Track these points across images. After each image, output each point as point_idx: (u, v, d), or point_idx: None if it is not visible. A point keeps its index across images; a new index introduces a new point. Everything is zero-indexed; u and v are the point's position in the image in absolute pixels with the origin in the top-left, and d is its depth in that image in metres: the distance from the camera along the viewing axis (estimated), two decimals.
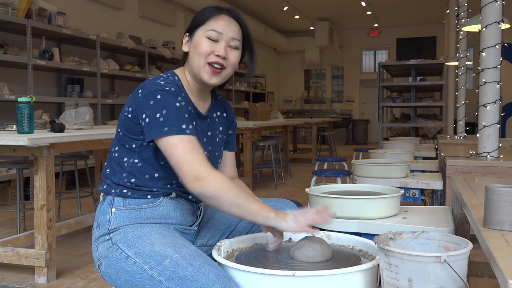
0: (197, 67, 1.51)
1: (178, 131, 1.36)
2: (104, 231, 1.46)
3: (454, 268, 1.08)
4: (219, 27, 1.50)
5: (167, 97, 1.40)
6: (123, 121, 1.50)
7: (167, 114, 1.38)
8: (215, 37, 1.49)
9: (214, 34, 1.49)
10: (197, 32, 1.51)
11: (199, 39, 1.50)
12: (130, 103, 1.48)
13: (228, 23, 1.52)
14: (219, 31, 1.49)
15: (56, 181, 4.13)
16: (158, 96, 1.40)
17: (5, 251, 2.70)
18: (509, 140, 5.06)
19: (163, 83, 1.44)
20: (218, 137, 1.65)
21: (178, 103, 1.40)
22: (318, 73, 16.20)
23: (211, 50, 1.49)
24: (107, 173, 1.53)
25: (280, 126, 7.38)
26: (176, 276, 1.29)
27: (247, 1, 11.46)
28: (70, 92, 6.23)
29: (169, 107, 1.38)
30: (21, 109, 2.78)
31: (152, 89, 1.42)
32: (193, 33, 1.52)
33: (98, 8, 7.40)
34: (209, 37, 1.49)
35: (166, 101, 1.39)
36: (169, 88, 1.42)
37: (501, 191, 1.22)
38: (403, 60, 7.99)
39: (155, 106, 1.39)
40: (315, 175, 4.14)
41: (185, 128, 1.37)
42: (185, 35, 1.56)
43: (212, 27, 1.49)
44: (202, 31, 1.50)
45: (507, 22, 3.32)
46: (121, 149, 1.50)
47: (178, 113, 1.39)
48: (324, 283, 1.21)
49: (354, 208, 1.86)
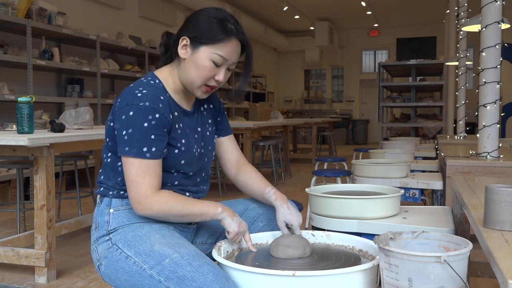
0: (191, 83, 1.48)
1: (136, 154, 1.38)
2: (103, 232, 1.46)
3: (454, 268, 1.08)
4: (226, 54, 1.45)
5: (138, 115, 1.38)
6: (108, 130, 1.49)
7: (132, 134, 1.39)
8: (219, 62, 1.46)
9: (219, 60, 1.46)
10: (202, 49, 1.45)
11: (203, 59, 1.45)
12: (111, 111, 1.48)
13: (235, 48, 1.47)
14: (225, 58, 1.46)
15: (56, 181, 4.13)
16: (131, 112, 1.39)
17: (5, 251, 2.70)
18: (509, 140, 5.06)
19: (140, 95, 1.41)
20: (209, 131, 1.64)
21: (147, 122, 1.39)
22: (318, 73, 16.20)
23: (211, 75, 1.47)
24: (101, 179, 1.53)
25: (280, 126, 7.38)
26: (175, 276, 1.30)
27: (247, 1, 11.46)
28: (70, 92, 6.23)
29: (136, 127, 1.38)
30: (21, 109, 2.78)
31: (128, 102, 1.41)
32: (196, 46, 1.45)
33: (98, 8, 7.40)
34: (214, 61, 1.45)
35: (135, 119, 1.38)
36: (143, 103, 1.39)
37: (501, 191, 1.22)
38: (403, 60, 7.99)
39: (124, 122, 1.40)
40: (315, 175, 4.13)
41: (146, 151, 1.39)
42: (184, 38, 1.47)
43: (220, 52, 1.45)
44: (208, 51, 1.44)
45: (507, 22, 3.32)
46: (113, 155, 1.50)
47: (142, 134, 1.38)
48: (324, 283, 1.21)
49: (354, 208, 1.86)
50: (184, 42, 1.48)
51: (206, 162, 1.62)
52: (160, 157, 1.42)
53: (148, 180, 1.39)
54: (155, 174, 1.41)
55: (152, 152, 1.40)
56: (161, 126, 1.42)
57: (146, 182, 1.38)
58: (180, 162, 1.49)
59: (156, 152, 1.41)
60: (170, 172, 1.50)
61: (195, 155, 1.54)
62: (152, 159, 1.40)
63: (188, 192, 1.56)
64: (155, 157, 1.40)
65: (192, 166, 1.54)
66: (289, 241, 1.46)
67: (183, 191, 1.54)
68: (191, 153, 1.52)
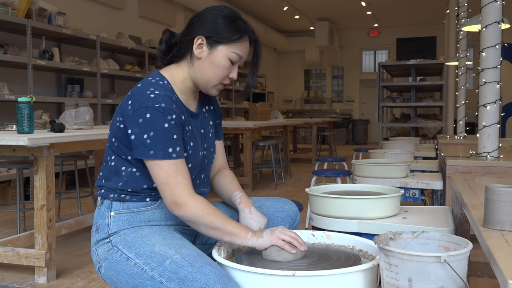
0: (207, 82, 1.50)
1: (163, 156, 1.37)
2: (104, 235, 1.45)
3: (454, 268, 1.08)
4: (242, 52, 1.49)
5: (156, 116, 1.37)
6: (116, 132, 1.47)
7: (154, 137, 1.37)
8: (236, 60, 1.49)
9: (236, 58, 1.49)
10: (221, 48, 1.46)
11: (222, 57, 1.47)
12: (120, 113, 1.46)
13: (248, 46, 1.52)
14: (241, 56, 1.49)
15: (56, 181, 4.14)
16: (148, 115, 1.37)
17: (5, 251, 2.70)
18: (509, 140, 5.06)
19: (153, 96, 1.40)
20: (210, 132, 1.65)
21: (167, 123, 1.38)
22: (318, 73, 16.20)
23: (227, 73, 1.50)
24: (102, 182, 1.51)
25: (280, 126, 7.38)
26: (176, 277, 1.29)
27: (247, 1, 11.46)
28: (70, 92, 6.23)
29: (157, 129, 1.37)
30: (21, 109, 2.78)
31: (142, 104, 1.38)
32: (214, 45, 1.46)
33: (98, 8, 7.40)
34: (231, 60, 1.48)
35: (155, 121, 1.37)
36: (159, 105, 1.38)
37: (501, 191, 1.22)
38: (403, 60, 7.99)
39: (143, 125, 1.37)
40: (315, 175, 4.13)
41: (172, 152, 1.38)
42: (199, 38, 1.47)
43: (237, 51, 1.48)
44: (227, 50, 1.47)
45: (507, 22, 3.32)
46: (118, 158, 1.48)
47: (165, 135, 1.38)
48: (324, 283, 1.21)
49: (354, 208, 1.86)
50: (199, 41, 1.47)
51: (207, 164, 1.61)
52: (183, 156, 1.42)
53: (181, 180, 1.38)
54: (185, 173, 1.40)
55: (177, 152, 1.39)
56: (180, 126, 1.43)
57: (179, 182, 1.37)
58: (188, 166, 1.47)
59: (181, 152, 1.41)
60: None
61: (200, 158, 1.54)
62: (178, 158, 1.39)
63: None
64: (181, 157, 1.40)
65: (196, 170, 1.54)
66: None
67: None
68: (197, 156, 1.52)
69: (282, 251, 1.41)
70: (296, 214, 1.73)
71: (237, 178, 6.48)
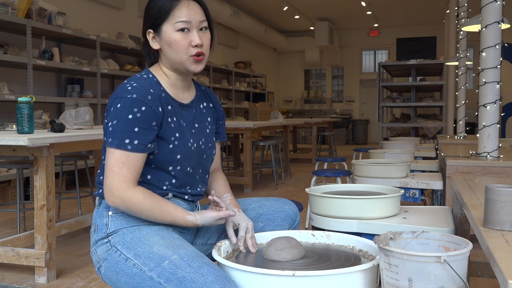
0: (179, 62, 1.49)
1: (118, 145, 1.40)
2: (102, 235, 1.45)
3: (454, 268, 1.08)
4: (185, 16, 1.46)
5: (124, 107, 1.40)
6: (105, 129, 1.49)
7: (116, 125, 1.41)
8: (185, 27, 1.46)
9: (183, 25, 1.46)
10: (164, 28, 1.47)
11: (169, 34, 1.46)
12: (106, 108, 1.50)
13: (190, 7, 1.47)
14: (187, 20, 1.46)
15: (56, 181, 4.13)
16: (118, 104, 1.42)
17: (5, 251, 2.70)
18: (509, 140, 5.06)
19: (130, 88, 1.43)
20: (208, 128, 1.64)
21: (132, 114, 1.40)
22: (318, 73, 16.20)
23: (188, 43, 1.47)
24: (101, 180, 1.52)
25: (280, 126, 7.38)
26: (175, 277, 1.30)
27: (247, 1, 11.46)
28: (70, 92, 6.23)
29: (120, 119, 1.40)
30: (21, 109, 2.78)
31: (118, 95, 1.44)
32: (159, 30, 1.48)
33: (98, 8, 7.40)
34: (179, 29, 1.46)
35: (121, 111, 1.40)
36: (131, 95, 1.41)
37: (501, 191, 1.22)
38: (403, 60, 7.99)
39: (112, 114, 1.42)
40: (315, 175, 4.13)
41: (128, 143, 1.39)
42: (148, 32, 1.51)
43: (178, 18, 1.45)
44: (169, 25, 1.46)
45: (507, 22, 3.32)
46: None
47: (126, 126, 1.39)
48: (324, 283, 1.21)
49: (354, 208, 1.86)
50: (151, 35, 1.51)
51: (205, 160, 1.61)
52: (143, 151, 1.42)
53: (125, 173, 1.39)
54: (133, 167, 1.41)
55: (134, 144, 1.40)
56: (148, 119, 1.42)
57: (122, 174, 1.39)
58: (175, 157, 1.48)
59: (139, 146, 1.41)
60: (167, 171, 1.49)
61: (191, 149, 1.53)
62: (133, 151, 1.40)
63: (186, 195, 1.56)
64: (137, 150, 1.40)
65: (190, 161, 1.53)
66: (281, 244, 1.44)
67: (181, 193, 1.54)
68: (186, 147, 1.51)
69: (281, 250, 1.41)
70: (296, 214, 1.73)
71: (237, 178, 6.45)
